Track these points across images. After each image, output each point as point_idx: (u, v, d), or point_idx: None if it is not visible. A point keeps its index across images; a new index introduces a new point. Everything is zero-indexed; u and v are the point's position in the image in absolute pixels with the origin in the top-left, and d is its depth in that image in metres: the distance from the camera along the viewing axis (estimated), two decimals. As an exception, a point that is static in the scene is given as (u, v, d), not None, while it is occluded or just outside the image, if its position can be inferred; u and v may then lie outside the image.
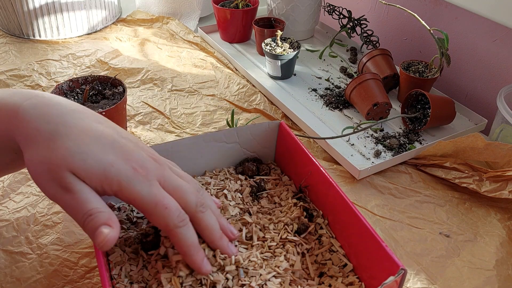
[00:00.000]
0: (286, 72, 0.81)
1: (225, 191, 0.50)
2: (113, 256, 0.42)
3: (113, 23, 0.98)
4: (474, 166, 0.60)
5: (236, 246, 0.44)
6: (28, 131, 0.35)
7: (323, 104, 0.76)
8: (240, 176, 0.53)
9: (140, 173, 0.36)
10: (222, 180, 0.52)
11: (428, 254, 0.52)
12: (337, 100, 0.76)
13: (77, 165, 0.34)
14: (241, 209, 0.48)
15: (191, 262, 0.38)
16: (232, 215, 0.47)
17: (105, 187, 0.35)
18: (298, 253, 0.44)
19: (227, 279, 0.40)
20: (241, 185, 0.51)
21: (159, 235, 0.43)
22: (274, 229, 0.46)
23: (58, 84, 0.61)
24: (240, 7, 0.90)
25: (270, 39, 0.82)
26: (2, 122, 0.37)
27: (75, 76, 0.74)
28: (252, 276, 0.40)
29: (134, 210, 0.48)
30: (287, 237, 0.45)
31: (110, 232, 0.34)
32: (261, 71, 0.84)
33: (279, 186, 0.52)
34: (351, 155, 0.64)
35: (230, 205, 0.48)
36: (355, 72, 0.84)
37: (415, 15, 0.69)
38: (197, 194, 0.40)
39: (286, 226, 0.46)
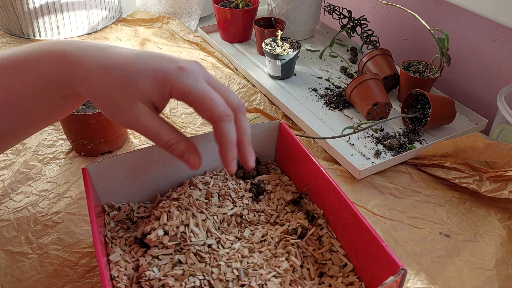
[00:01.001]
0: (286, 72, 0.81)
1: (225, 191, 0.50)
2: (113, 256, 0.42)
3: (113, 23, 0.98)
4: (474, 166, 0.60)
5: (235, 243, 0.44)
6: (80, 70, 0.39)
7: (323, 104, 0.76)
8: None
9: (186, 70, 0.39)
10: (222, 180, 0.52)
11: (428, 254, 0.52)
12: (337, 100, 0.76)
13: (134, 90, 0.38)
14: (241, 209, 0.48)
15: (224, 157, 0.40)
16: (231, 215, 0.47)
17: (162, 94, 0.39)
18: (298, 253, 0.44)
19: (227, 280, 0.40)
20: (241, 185, 0.51)
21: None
22: (274, 230, 0.46)
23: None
24: (241, 7, 0.90)
25: (270, 39, 0.82)
26: (50, 66, 0.39)
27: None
28: (252, 276, 0.40)
29: (134, 210, 0.49)
30: (287, 237, 0.45)
31: (197, 157, 0.41)
32: (261, 71, 0.84)
33: (279, 187, 0.52)
34: (351, 155, 0.64)
35: (230, 205, 0.48)
36: (355, 72, 0.84)
37: (416, 15, 0.69)
38: (238, 97, 0.42)
39: (287, 227, 0.46)
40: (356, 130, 0.64)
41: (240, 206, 0.48)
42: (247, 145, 0.42)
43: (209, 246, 0.43)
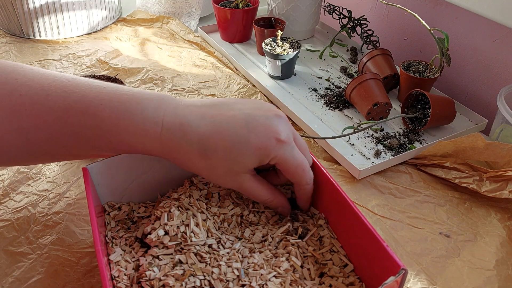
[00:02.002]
0: (286, 72, 0.81)
1: (226, 191, 0.50)
2: (114, 256, 0.42)
3: (113, 23, 0.98)
4: (474, 166, 0.60)
5: (234, 242, 0.44)
6: (180, 155, 0.41)
7: (323, 104, 0.76)
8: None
9: (284, 142, 0.42)
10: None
11: (428, 254, 0.52)
12: (337, 100, 0.76)
13: (239, 169, 0.42)
14: (241, 209, 0.48)
15: (304, 206, 0.49)
16: (232, 216, 0.47)
17: (262, 164, 0.43)
18: (298, 253, 0.44)
19: (227, 280, 0.40)
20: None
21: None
22: (274, 230, 0.46)
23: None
24: (241, 7, 0.90)
25: (270, 39, 0.82)
26: (139, 144, 0.41)
27: (75, 76, 0.74)
28: (253, 277, 0.40)
29: (134, 210, 0.49)
30: (288, 238, 0.45)
31: (287, 209, 0.48)
32: (261, 71, 0.84)
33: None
34: (351, 155, 0.64)
35: (230, 205, 0.48)
36: (355, 72, 0.84)
37: (416, 15, 0.69)
38: (309, 152, 0.47)
39: (287, 227, 0.46)
40: (356, 130, 0.64)
41: (240, 206, 0.48)
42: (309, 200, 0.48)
43: (210, 246, 0.43)
